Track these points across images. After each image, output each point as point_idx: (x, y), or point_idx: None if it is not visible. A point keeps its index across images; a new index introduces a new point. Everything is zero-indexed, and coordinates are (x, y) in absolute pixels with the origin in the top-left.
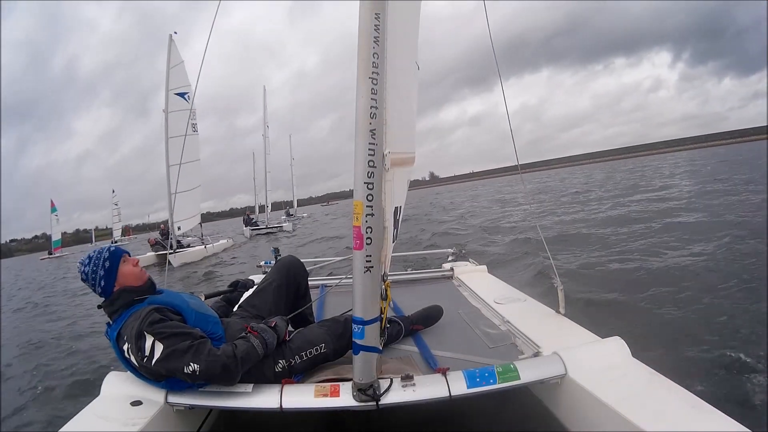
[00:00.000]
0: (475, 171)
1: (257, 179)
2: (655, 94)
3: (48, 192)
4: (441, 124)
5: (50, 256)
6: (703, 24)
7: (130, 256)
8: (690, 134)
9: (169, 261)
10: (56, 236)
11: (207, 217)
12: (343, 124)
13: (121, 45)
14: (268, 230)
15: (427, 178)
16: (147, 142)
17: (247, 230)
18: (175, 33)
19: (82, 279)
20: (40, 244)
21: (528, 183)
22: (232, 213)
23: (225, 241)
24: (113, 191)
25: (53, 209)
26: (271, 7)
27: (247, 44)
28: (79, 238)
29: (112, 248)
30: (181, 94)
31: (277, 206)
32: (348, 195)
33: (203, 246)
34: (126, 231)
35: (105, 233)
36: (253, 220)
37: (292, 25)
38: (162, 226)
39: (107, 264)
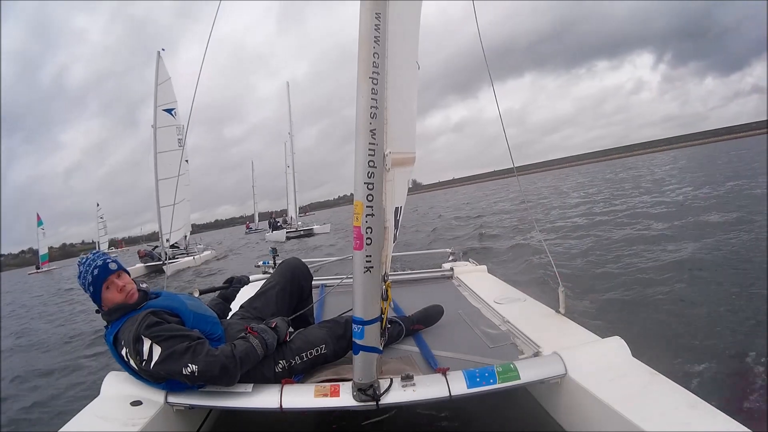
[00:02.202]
0: (456, 177)
1: (258, 185)
2: (637, 95)
3: (35, 205)
4: (426, 131)
5: (38, 270)
6: (685, 25)
7: (119, 270)
8: (671, 134)
9: (164, 269)
10: (43, 250)
11: (193, 229)
12: (330, 132)
13: (111, 55)
14: (304, 232)
15: (410, 186)
16: (134, 155)
17: (278, 234)
18: (163, 50)
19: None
20: (27, 258)
21: (513, 186)
22: (217, 224)
23: (209, 252)
24: (98, 204)
25: (39, 223)
26: (260, 17)
27: (235, 55)
28: (65, 252)
29: (95, 272)
30: (169, 110)
31: (265, 216)
32: (331, 204)
33: (192, 257)
34: (119, 243)
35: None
36: (279, 224)
37: (280, 35)
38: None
39: (91, 288)
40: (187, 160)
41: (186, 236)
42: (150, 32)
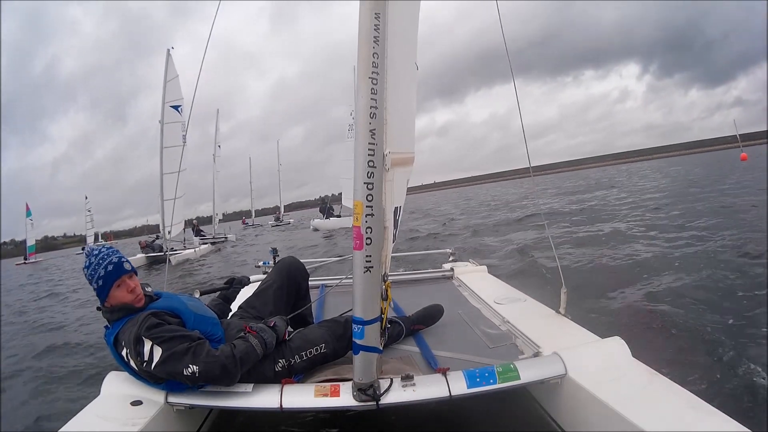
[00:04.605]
0: (436, 181)
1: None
2: (622, 104)
3: (18, 197)
4: None
5: (26, 261)
6: (672, 37)
7: (132, 272)
8: (654, 143)
9: (168, 260)
10: (31, 241)
11: (184, 224)
12: (315, 132)
13: (103, 48)
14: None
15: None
16: (119, 151)
17: (342, 221)
18: (172, 48)
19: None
20: (9, 250)
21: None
22: (202, 221)
23: (206, 246)
24: (86, 197)
25: (28, 213)
26: (253, 16)
27: (226, 53)
28: (48, 244)
29: (110, 267)
30: (175, 107)
31: (258, 213)
32: (313, 204)
33: (193, 250)
34: (108, 236)
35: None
36: (332, 210)
37: (273, 35)
38: (194, 221)
39: (100, 282)
40: (219, 146)
41: (215, 224)
42: (143, 28)
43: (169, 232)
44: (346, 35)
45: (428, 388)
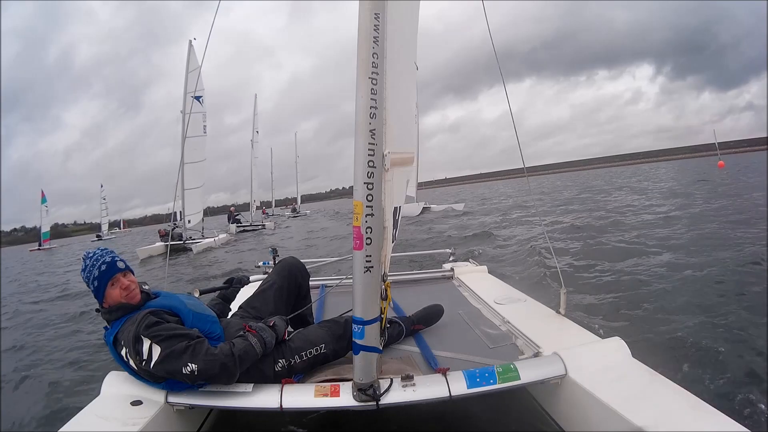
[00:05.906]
0: (448, 177)
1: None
2: (634, 106)
3: (29, 185)
4: (421, 131)
5: (40, 248)
6: (686, 40)
7: (126, 270)
8: (662, 146)
9: (190, 248)
10: (45, 228)
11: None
12: (326, 126)
13: (118, 37)
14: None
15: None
16: (131, 139)
17: (414, 207)
18: (195, 39)
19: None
20: (20, 237)
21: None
22: (209, 211)
23: (225, 235)
24: (101, 185)
25: (43, 200)
26: (271, 9)
27: (241, 45)
28: (58, 232)
29: (103, 267)
30: (197, 98)
31: (267, 204)
32: (323, 197)
33: (212, 239)
34: (123, 224)
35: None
36: None
37: (290, 27)
38: (232, 208)
39: (96, 283)
40: (257, 131)
41: (251, 213)
42: (160, 17)
43: (189, 221)
44: (353, 32)
45: (428, 388)
